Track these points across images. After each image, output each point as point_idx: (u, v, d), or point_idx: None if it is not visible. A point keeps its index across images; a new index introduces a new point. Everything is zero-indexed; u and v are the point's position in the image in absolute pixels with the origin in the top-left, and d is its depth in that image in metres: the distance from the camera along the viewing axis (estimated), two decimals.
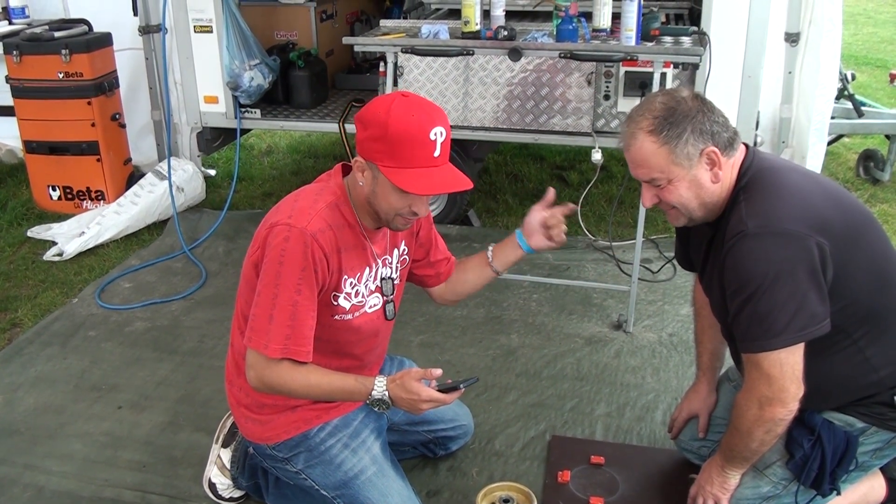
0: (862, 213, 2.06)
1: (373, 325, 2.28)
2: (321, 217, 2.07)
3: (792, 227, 1.89)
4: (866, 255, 1.99)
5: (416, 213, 2.09)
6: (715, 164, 1.99)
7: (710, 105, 2.01)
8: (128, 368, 3.31)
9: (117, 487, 2.63)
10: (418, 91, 4.07)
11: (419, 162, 1.99)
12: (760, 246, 1.90)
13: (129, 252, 4.44)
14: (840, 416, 2.09)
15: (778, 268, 1.87)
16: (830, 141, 5.36)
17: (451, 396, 2.13)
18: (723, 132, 1.98)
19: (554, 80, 3.92)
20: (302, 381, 2.11)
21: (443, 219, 4.70)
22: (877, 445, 2.11)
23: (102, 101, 4.73)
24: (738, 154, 2.04)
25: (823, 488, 2.09)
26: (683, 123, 1.96)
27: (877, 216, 4.79)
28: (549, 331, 3.57)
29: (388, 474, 2.28)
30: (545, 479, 2.60)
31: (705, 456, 2.51)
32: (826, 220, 1.92)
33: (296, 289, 2.03)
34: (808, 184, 2.01)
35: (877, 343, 2.02)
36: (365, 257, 2.20)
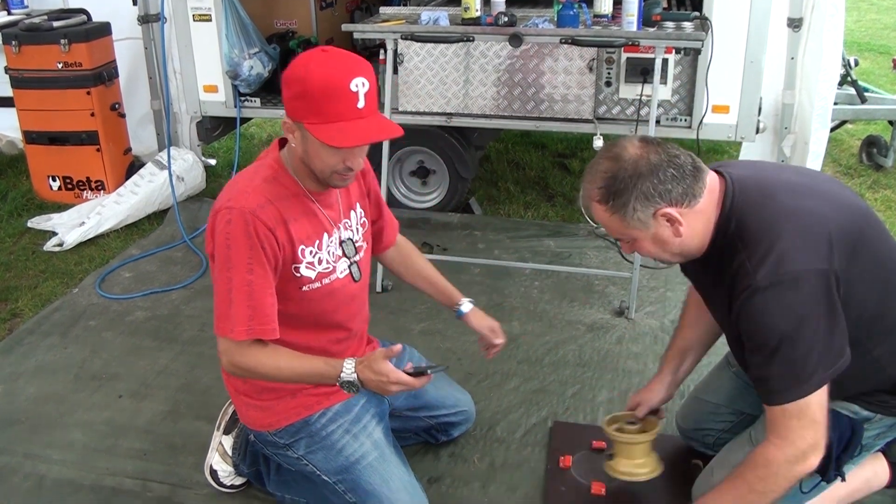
0: (859, 212, 1.96)
1: (346, 290, 2.26)
2: (259, 193, 2.05)
3: (801, 268, 1.79)
4: (868, 258, 1.90)
5: (352, 168, 2.06)
6: (673, 221, 1.89)
7: (661, 156, 1.86)
8: (128, 357, 3.30)
9: (118, 476, 2.62)
10: (418, 79, 4.06)
11: (343, 115, 1.95)
12: (775, 298, 1.79)
13: (130, 242, 4.43)
14: (844, 405, 2.07)
15: (799, 315, 1.78)
16: (833, 127, 5.34)
17: (420, 381, 2.09)
18: (674, 186, 1.85)
19: (555, 66, 3.90)
20: (272, 364, 2.10)
21: (444, 207, 4.69)
22: (880, 430, 2.10)
23: (102, 91, 4.72)
24: (707, 194, 1.91)
25: (829, 475, 2.08)
26: (625, 194, 1.86)
27: (880, 202, 4.81)
28: (550, 318, 3.55)
29: (389, 459, 2.27)
30: (547, 465, 2.59)
31: (709, 444, 2.50)
32: (829, 234, 1.83)
33: (247, 269, 2.01)
34: (800, 201, 1.89)
35: (884, 342, 1.97)
36: (319, 224, 2.18)
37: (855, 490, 2.31)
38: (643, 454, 2.39)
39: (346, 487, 2.22)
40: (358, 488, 2.21)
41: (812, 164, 4.00)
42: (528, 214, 4.77)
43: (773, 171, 2.08)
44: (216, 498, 2.51)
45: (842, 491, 2.28)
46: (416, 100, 4.14)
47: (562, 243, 4.26)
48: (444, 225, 4.52)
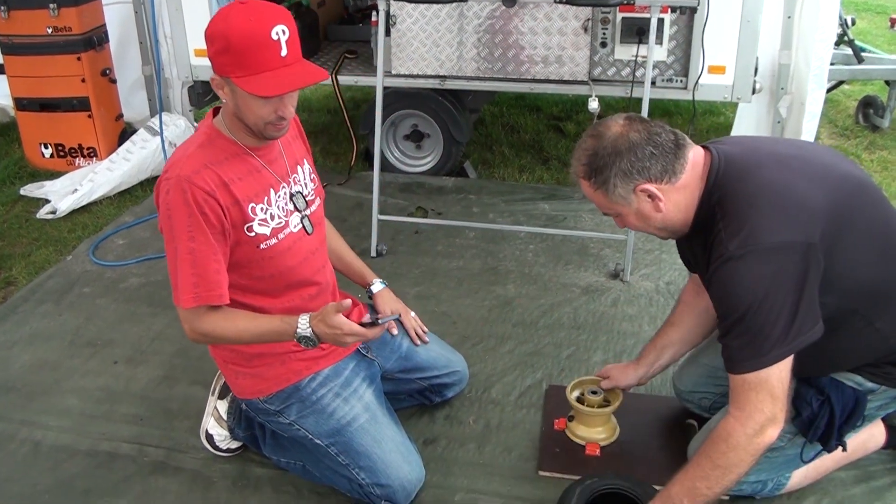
0: (853, 183, 1.95)
1: (302, 244, 2.25)
2: (194, 159, 2.04)
3: (774, 240, 1.80)
4: (861, 230, 1.90)
5: (284, 117, 2.05)
6: (654, 197, 1.92)
7: (641, 135, 1.90)
8: (123, 324, 3.30)
9: (114, 441, 2.63)
10: (411, 41, 4.02)
11: (267, 65, 1.94)
12: (744, 267, 1.81)
13: (123, 209, 4.41)
14: (849, 376, 2.06)
15: (765, 287, 1.79)
16: (830, 88, 5.30)
17: (374, 331, 2.10)
18: (653, 164, 1.89)
19: (549, 27, 3.86)
20: (231, 326, 2.11)
21: (438, 171, 4.66)
22: (884, 401, 2.10)
23: (92, 56, 4.67)
24: (689, 170, 1.93)
25: (831, 445, 2.09)
26: (606, 170, 1.91)
27: (876, 164, 4.79)
28: (545, 281, 3.55)
29: (380, 421, 2.29)
30: (542, 427, 2.60)
31: (705, 407, 2.51)
32: (811, 211, 1.83)
33: (188, 236, 2.01)
34: (785, 175, 1.89)
35: (885, 313, 1.96)
36: (265, 179, 2.16)
37: (851, 451, 2.32)
38: (601, 423, 2.51)
39: (339, 450, 2.23)
40: (350, 450, 2.23)
41: (808, 124, 3.97)
42: (522, 178, 4.75)
43: (766, 145, 2.07)
44: (212, 462, 2.52)
45: (839, 453, 2.29)
46: (410, 62, 4.10)
47: (556, 206, 4.25)
48: (438, 189, 4.51)
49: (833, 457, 2.28)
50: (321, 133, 5.62)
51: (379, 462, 2.22)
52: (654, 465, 2.42)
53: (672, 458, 2.41)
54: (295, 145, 2.33)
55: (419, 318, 2.66)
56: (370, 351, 2.47)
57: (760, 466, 2.15)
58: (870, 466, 2.41)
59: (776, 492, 2.26)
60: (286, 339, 2.12)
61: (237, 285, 2.16)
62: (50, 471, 2.51)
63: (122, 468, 2.51)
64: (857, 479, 2.37)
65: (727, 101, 4.03)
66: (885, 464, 2.43)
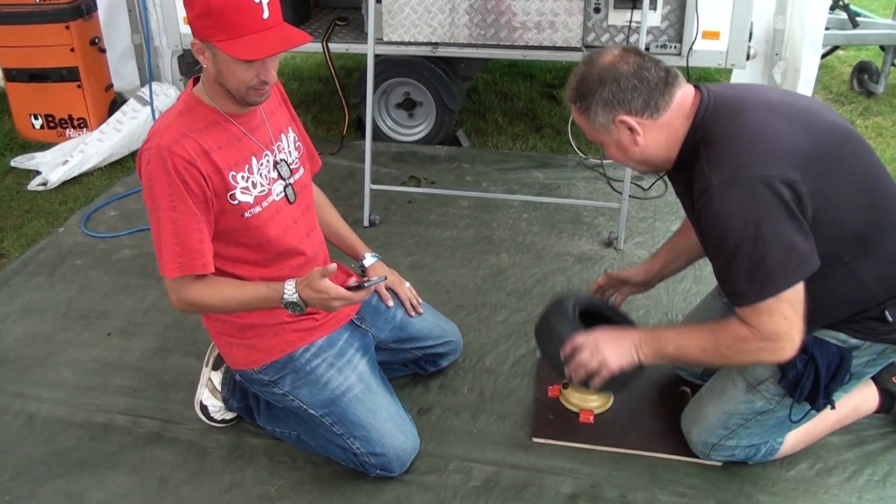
0: (838, 132, 1.95)
1: (286, 213, 2.24)
2: (173, 128, 2.02)
3: (757, 172, 1.81)
4: (846, 177, 1.90)
5: (266, 81, 2.03)
6: (632, 130, 1.94)
7: (630, 67, 1.91)
8: (116, 296, 3.29)
9: (109, 412, 2.63)
10: (402, 7, 3.97)
11: (249, 28, 1.92)
12: (730, 198, 1.81)
13: (114, 180, 4.39)
14: (832, 333, 2.07)
15: (756, 216, 1.79)
16: (825, 53, 5.28)
17: (360, 294, 2.09)
18: (635, 97, 1.90)
19: None
20: (217, 295, 2.11)
21: (431, 139, 4.64)
22: (870, 357, 2.10)
23: (81, 25, 4.62)
24: (676, 107, 1.94)
25: (818, 404, 2.09)
26: (589, 97, 1.94)
27: (870, 129, 4.78)
28: (539, 249, 3.55)
29: (375, 391, 2.29)
30: (536, 394, 2.61)
31: (697, 373, 2.53)
32: (795, 152, 1.84)
33: (170, 206, 2.00)
34: (771, 118, 1.90)
35: (866, 261, 1.96)
36: (247, 147, 2.15)
37: (844, 416, 2.34)
38: (595, 391, 2.46)
39: (333, 420, 2.24)
40: (344, 420, 2.23)
41: (803, 90, 3.96)
42: (516, 146, 4.73)
43: (757, 90, 2.07)
44: (207, 432, 2.53)
45: (831, 417, 2.31)
46: (401, 29, 4.05)
47: (550, 175, 4.23)
48: (431, 158, 4.48)
49: (826, 421, 2.30)
50: (312, 102, 5.58)
51: (373, 431, 2.22)
52: (648, 432, 2.43)
53: (666, 425, 2.43)
54: (279, 113, 2.31)
55: (413, 289, 2.65)
56: (364, 321, 2.47)
57: (751, 430, 2.18)
58: (862, 431, 2.43)
59: (769, 457, 2.28)
60: (273, 305, 2.12)
61: (225, 255, 2.15)
62: (45, 443, 2.51)
63: (117, 440, 2.52)
64: (850, 444, 2.39)
65: (721, 67, 4.00)
66: (877, 428, 2.44)
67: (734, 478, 2.28)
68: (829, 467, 2.32)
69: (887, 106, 5.21)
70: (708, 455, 2.28)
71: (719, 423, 2.23)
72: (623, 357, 2.10)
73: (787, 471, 2.30)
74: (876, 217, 1.94)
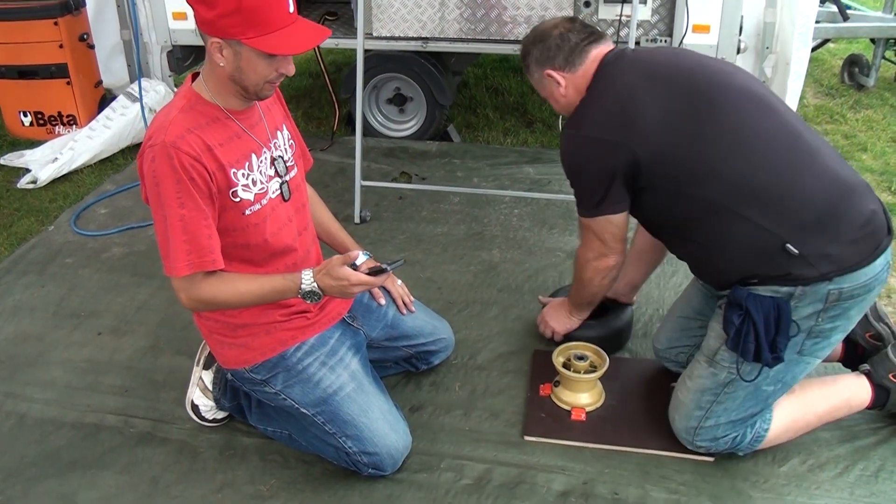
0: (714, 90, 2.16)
1: (281, 210, 2.24)
2: (177, 124, 2.00)
3: (589, 133, 2.23)
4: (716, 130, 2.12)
5: (285, 74, 2.05)
6: (557, 83, 2.34)
7: (557, 31, 2.31)
8: (106, 294, 3.28)
9: (100, 412, 2.62)
10: (392, 2, 3.96)
11: (279, 23, 1.94)
12: (565, 143, 2.31)
13: (104, 177, 4.37)
14: (763, 288, 2.10)
15: (579, 165, 2.29)
16: (815, 46, 5.27)
17: (380, 279, 2.12)
18: (558, 53, 2.31)
19: None
20: (231, 290, 2.10)
21: (422, 135, 4.63)
22: (815, 307, 2.08)
23: (69, 21, 4.60)
24: (590, 62, 2.30)
25: (764, 357, 2.10)
26: (527, 58, 2.39)
27: (861, 123, 4.79)
28: (530, 245, 3.54)
29: (367, 390, 2.28)
30: (528, 392, 2.61)
31: (683, 363, 2.53)
32: (645, 119, 2.14)
33: (178, 203, 1.98)
34: (638, 84, 2.20)
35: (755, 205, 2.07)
36: (247, 144, 2.14)
37: (835, 408, 2.33)
38: (587, 388, 2.54)
39: (326, 419, 2.23)
40: (337, 419, 2.23)
41: (793, 84, 3.96)
42: (507, 141, 4.73)
43: (652, 54, 2.38)
44: (198, 432, 2.52)
45: (821, 407, 2.31)
46: (391, 24, 4.04)
47: (541, 170, 4.23)
48: (422, 153, 4.48)
49: (815, 409, 2.31)
50: (303, 97, 5.56)
51: (366, 430, 2.22)
52: (640, 429, 2.43)
53: (658, 421, 2.43)
54: (274, 110, 2.31)
55: (405, 287, 2.64)
56: (356, 320, 2.46)
57: (725, 405, 2.22)
58: (853, 426, 2.43)
59: (757, 444, 2.28)
60: (289, 296, 2.14)
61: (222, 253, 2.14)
62: (36, 443, 2.51)
63: (108, 439, 2.51)
64: (842, 439, 2.40)
65: None
66: (868, 423, 2.45)
67: (726, 473, 2.29)
68: (821, 462, 2.32)
69: (878, 99, 5.22)
70: (693, 442, 2.29)
71: (694, 403, 2.26)
72: (563, 324, 2.74)
73: (779, 466, 2.31)
74: (757, 167, 2.09)
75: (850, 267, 2.04)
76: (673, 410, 2.35)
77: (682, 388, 2.32)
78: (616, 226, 2.33)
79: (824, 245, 2.04)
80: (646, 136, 2.13)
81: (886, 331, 2.47)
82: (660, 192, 2.20)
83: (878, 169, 4.25)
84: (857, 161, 4.35)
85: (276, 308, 2.25)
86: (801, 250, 2.03)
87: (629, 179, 2.20)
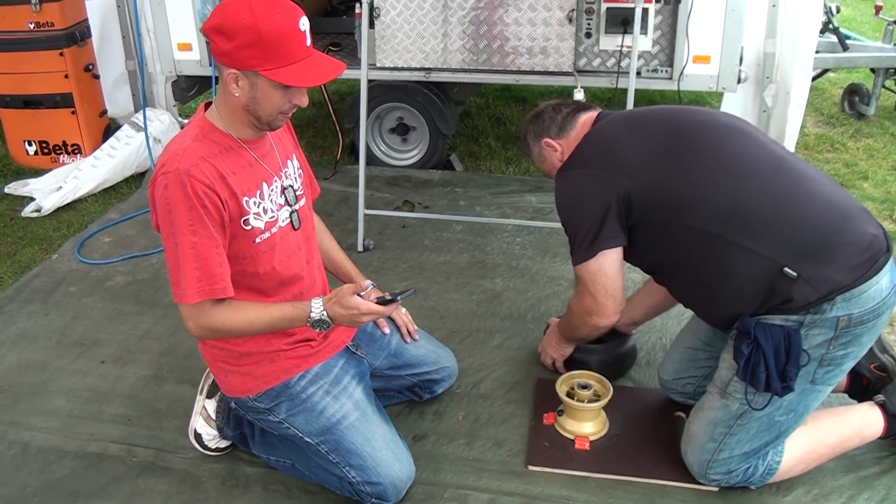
0: (688, 128, 2.26)
1: (289, 239, 2.25)
2: (191, 153, 2.02)
3: (587, 166, 2.30)
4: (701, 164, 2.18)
5: (298, 105, 2.08)
6: (555, 150, 2.45)
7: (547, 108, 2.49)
8: (110, 323, 3.28)
9: (102, 441, 2.61)
10: (395, 33, 4.00)
11: (296, 56, 1.97)
12: (561, 183, 2.37)
13: (108, 206, 4.39)
14: (772, 317, 2.09)
15: (572, 202, 2.33)
16: (815, 76, 5.32)
17: (389, 308, 2.15)
18: (552, 125, 2.46)
19: (534, 18, 3.85)
20: (241, 318, 2.11)
21: (424, 164, 4.65)
22: (826, 335, 2.07)
23: (75, 52, 4.64)
24: (580, 127, 2.42)
25: (774, 386, 2.09)
26: (526, 136, 2.54)
27: (862, 151, 4.81)
28: (533, 274, 3.55)
29: (371, 419, 2.28)
30: (531, 422, 2.60)
31: (689, 393, 2.53)
32: (630, 155, 2.24)
33: (190, 231, 2.00)
34: (620, 129, 2.34)
35: (749, 233, 2.09)
36: (258, 173, 2.16)
37: (846, 437, 2.32)
38: (591, 417, 2.53)
39: (329, 448, 2.23)
40: (340, 448, 2.22)
41: (794, 113, 3.99)
42: (509, 170, 4.75)
43: (635, 111, 2.57)
44: (201, 461, 2.51)
45: (832, 438, 2.30)
46: (394, 54, 4.08)
47: (543, 199, 4.25)
48: (425, 182, 4.50)
49: (828, 443, 2.30)
50: (306, 127, 5.60)
51: (369, 460, 2.21)
52: (644, 458, 2.42)
53: (662, 451, 2.42)
54: (284, 139, 2.33)
55: (409, 315, 2.65)
56: (360, 348, 2.46)
57: (738, 437, 2.20)
58: (858, 456, 2.42)
59: (769, 476, 2.26)
60: (298, 324, 2.15)
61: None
62: (38, 473, 2.49)
63: (111, 469, 2.50)
64: (846, 469, 2.38)
65: (712, 90, 4.03)
66: (872, 452, 2.44)
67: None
68: (826, 493, 2.31)
69: (878, 127, 5.24)
70: (707, 476, 2.26)
71: (707, 436, 2.24)
72: (556, 349, 2.79)
73: (783, 496, 2.29)
74: (743, 192, 2.12)
75: (850, 285, 2.03)
76: (685, 444, 2.33)
77: (695, 421, 2.30)
78: (609, 274, 2.29)
79: (824, 269, 2.04)
80: (633, 170, 2.21)
81: (891, 361, 2.45)
82: (651, 228, 2.22)
83: (880, 197, 4.27)
84: (859, 189, 4.36)
85: (281, 336, 2.25)
86: (801, 273, 2.04)
87: (622, 214, 2.22)
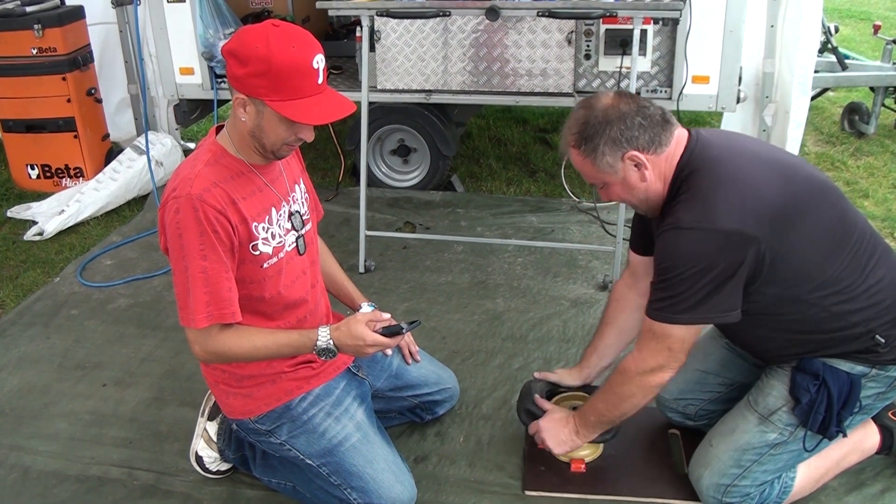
0: (814, 184, 2.05)
1: (294, 264, 2.26)
2: (203, 177, 2.03)
3: (726, 226, 1.92)
4: (815, 227, 2.00)
5: (303, 139, 2.08)
6: (641, 166, 2.03)
7: (630, 106, 2.02)
8: (111, 346, 3.28)
9: (104, 465, 2.61)
10: (396, 56, 4.03)
11: (306, 92, 1.97)
12: (692, 238, 1.95)
13: (110, 229, 4.40)
14: (839, 361, 2.09)
15: (705, 262, 1.93)
16: (814, 95, 5.34)
17: (395, 340, 2.15)
18: (642, 134, 2.01)
19: (533, 40, 3.87)
20: (246, 344, 2.11)
21: (426, 185, 4.67)
22: (879, 388, 2.12)
23: (77, 77, 4.67)
24: (674, 145, 2.05)
25: (830, 431, 2.10)
26: (596, 138, 2.02)
27: (862, 170, 4.82)
28: (534, 294, 3.55)
29: (372, 440, 2.27)
30: (525, 446, 2.56)
31: (689, 414, 2.51)
32: (766, 205, 1.94)
33: (201, 255, 2.01)
34: (752, 166, 2.01)
35: (836, 298, 2.03)
36: (268, 198, 2.17)
37: (847, 453, 2.33)
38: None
39: (331, 470, 2.22)
40: (342, 470, 2.21)
41: (793, 132, 4.00)
42: (510, 191, 4.76)
43: (741, 139, 2.17)
44: (202, 484, 2.50)
45: (835, 453, 2.30)
46: (395, 77, 4.11)
47: (544, 219, 4.25)
48: (426, 203, 4.51)
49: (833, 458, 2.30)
50: (308, 149, 5.60)
51: (371, 482, 2.20)
52: (640, 477, 2.42)
53: (657, 470, 2.42)
54: (292, 163, 2.34)
55: (410, 336, 2.65)
56: (361, 370, 2.46)
57: (765, 466, 2.18)
58: (860, 474, 2.41)
59: (783, 497, 2.25)
60: (304, 352, 2.16)
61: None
62: (40, 497, 2.49)
63: (112, 492, 2.49)
64: (850, 488, 2.38)
65: (712, 110, 4.05)
66: (874, 469, 2.43)
67: None
68: None
69: (878, 146, 5.25)
70: (720, 500, 2.22)
71: (732, 461, 2.20)
72: (565, 444, 2.36)
73: None
74: (842, 260, 2.02)
75: None
76: (701, 466, 2.27)
77: (721, 444, 2.24)
78: (694, 334, 2.06)
79: None
80: (769, 226, 1.94)
81: None
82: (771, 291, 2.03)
83: (881, 215, 4.27)
84: (860, 207, 4.36)
85: (283, 359, 2.25)
86: (888, 339, 2.06)
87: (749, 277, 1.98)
